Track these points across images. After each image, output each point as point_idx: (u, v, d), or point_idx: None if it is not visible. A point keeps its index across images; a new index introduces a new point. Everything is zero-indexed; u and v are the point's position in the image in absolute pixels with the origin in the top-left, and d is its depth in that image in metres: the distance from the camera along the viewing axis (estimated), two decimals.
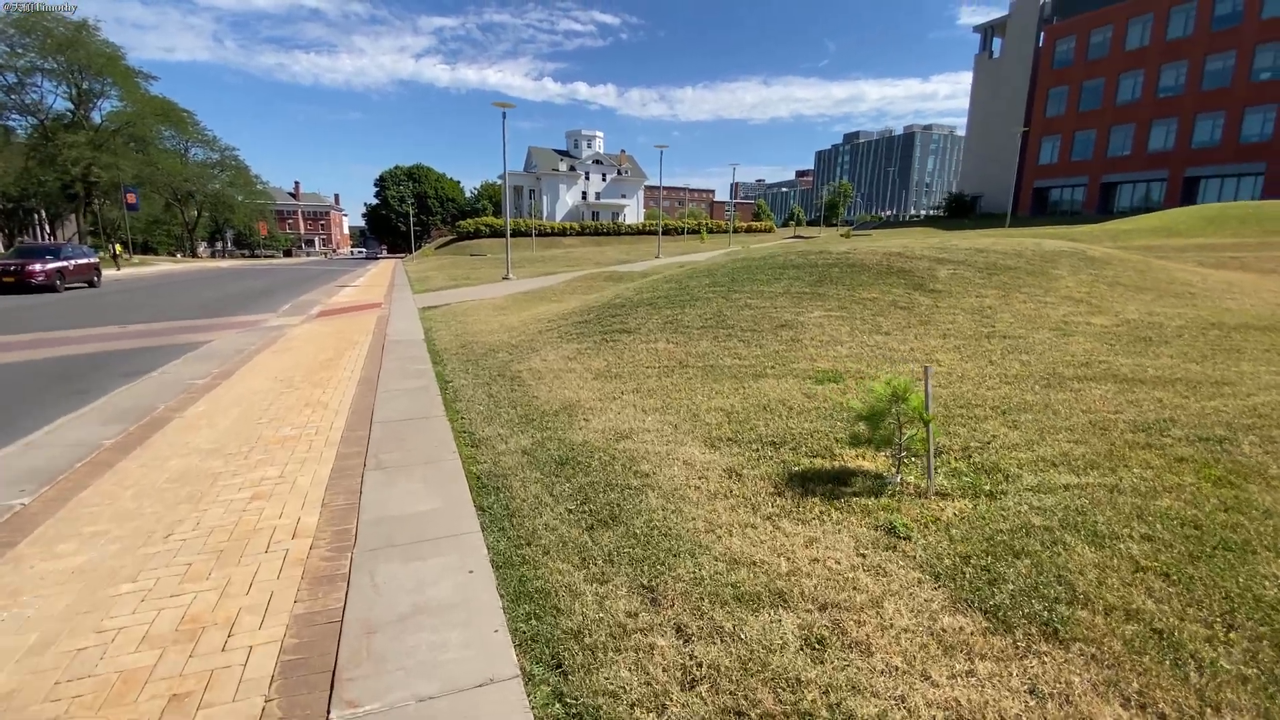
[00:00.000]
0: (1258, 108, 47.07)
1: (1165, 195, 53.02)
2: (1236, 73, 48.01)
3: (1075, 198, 61.60)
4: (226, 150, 79.54)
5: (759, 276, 9.50)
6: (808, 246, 11.25)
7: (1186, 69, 50.95)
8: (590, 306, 10.58)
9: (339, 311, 17.18)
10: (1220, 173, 49.70)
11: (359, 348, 10.53)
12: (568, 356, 7.99)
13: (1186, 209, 31.67)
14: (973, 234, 30.02)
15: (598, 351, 7.96)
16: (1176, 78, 51.94)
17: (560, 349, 8.41)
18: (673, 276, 11.04)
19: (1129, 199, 57.02)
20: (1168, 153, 52.68)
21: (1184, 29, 51.48)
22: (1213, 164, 49.78)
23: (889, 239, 28.66)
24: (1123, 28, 55.85)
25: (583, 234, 73.15)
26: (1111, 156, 57.31)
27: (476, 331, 11.28)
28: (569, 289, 19.37)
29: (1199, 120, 50.67)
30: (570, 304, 13.46)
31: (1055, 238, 16.32)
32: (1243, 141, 48.01)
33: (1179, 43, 51.44)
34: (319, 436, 5.77)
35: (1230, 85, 48.34)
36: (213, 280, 31.47)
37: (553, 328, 9.81)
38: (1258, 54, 47.07)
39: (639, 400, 6.06)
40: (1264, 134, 47.10)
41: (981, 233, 33.01)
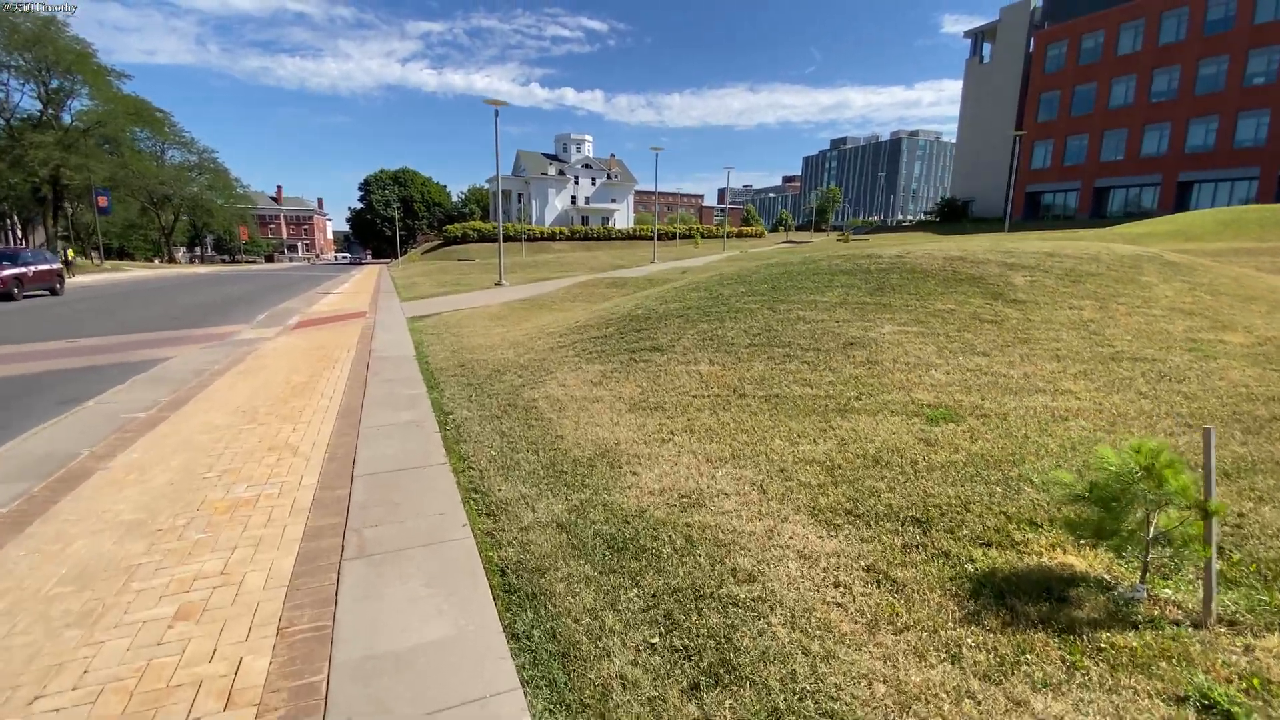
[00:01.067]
0: (1251, 112, 46.93)
1: (1159, 200, 52.85)
2: (1229, 78, 47.87)
3: (1068, 202, 61.42)
4: (205, 152, 77.34)
5: (805, 284, 8.22)
6: (849, 250, 10.00)
7: (1179, 74, 50.81)
8: (606, 318, 9.25)
9: (319, 322, 15.67)
10: (1214, 177, 49.53)
11: (339, 367, 9.10)
12: (591, 381, 6.65)
13: (1200, 213, 31.08)
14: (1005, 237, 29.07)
15: (627, 374, 6.62)
16: (1169, 82, 51.81)
17: (581, 371, 7.06)
18: (699, 283, 9.74)
19: (1122, 203, 56.88)
20: (1161, 157, 52.51)
21: (1176, 34, 51.39)
22: (1206, 169, 49.60)
23: (904, 243, 27.68)
24: (1114, 33, 55.74)
25: (572, 239, 71.88)
26: (1105, 161, 57.11)
27: (476, 346, 9.89)
28: (570, 296, 18.01)
29: (1192, 125, 50.51)
30: (577, 314, 12.11)
31: (1071, 240, 15.30)
32: (1236, 146, 47.83)
33: (1171, 47, 51.33)
34: (283, 499, 4.37)
35: (1223, 90, 48.20)
36: (188, 287, 29.68)
37: (566, 343, 8.46)
38: (1251, 59, 46.97)
39: (697, 444, 4.74)
40: (1258, 139, 46.93)
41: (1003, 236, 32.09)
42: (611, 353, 7.40)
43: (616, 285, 18.76)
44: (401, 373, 8.47)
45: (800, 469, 4.12)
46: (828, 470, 4.07)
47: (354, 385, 7.88)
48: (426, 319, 15.27)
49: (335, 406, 6.88)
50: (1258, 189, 47.22)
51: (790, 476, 4.03)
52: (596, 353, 7.56)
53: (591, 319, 9.56)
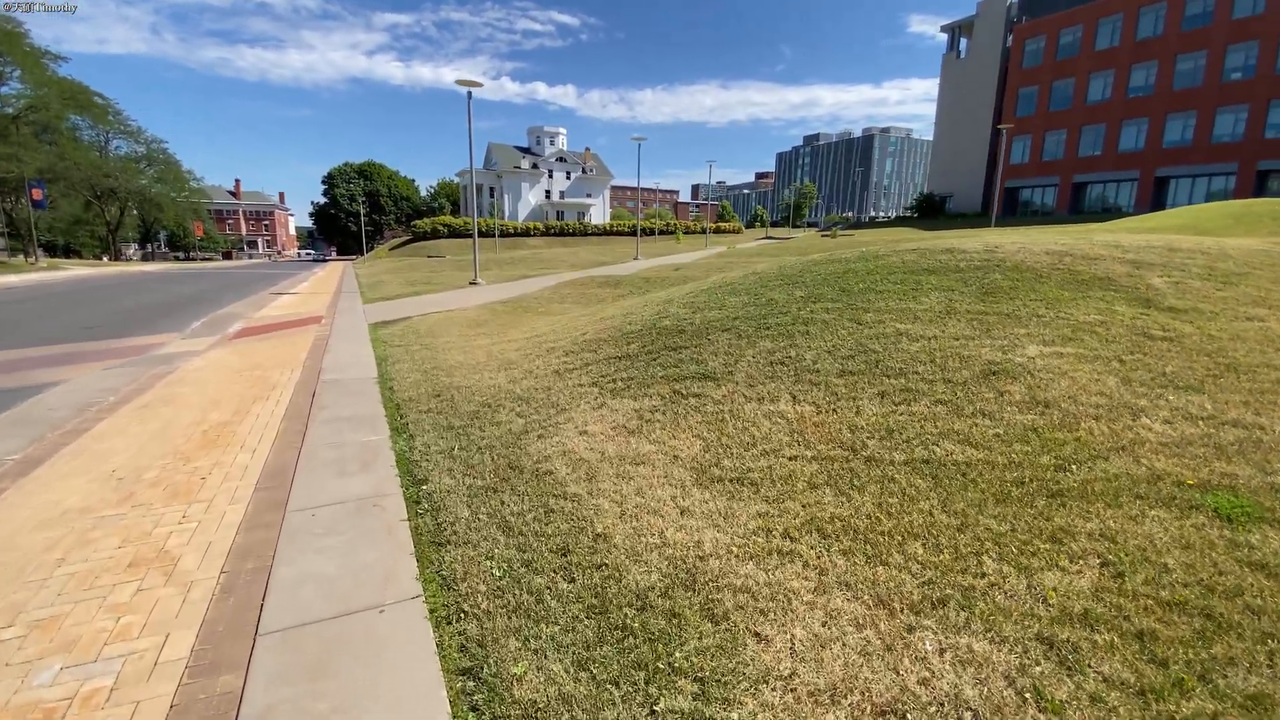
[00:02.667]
0: (1229, 108, 46.90)
1: (1136, 196, 52.86)
2: (1208, 73, 47.80)
3: (1046, 198, 61.34)
4: (153, 143, 72.82)
5: (883, 286, 6.36)
6: (926, 244, 8.16)
7: (1157, 69, 50.69)
8: (622, 329, 7.25)
9: (265, 330, 13.34)
10: (1191, 173, 49.53)
11: (276, 396, 6.96)
12: (625, 426, 4.68)
13: (1207, 206, 30.26)
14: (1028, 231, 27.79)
15: (676, 417, 4.68)
16: (1147, 78, 51.68)
17: (606, 409, 5.08)
18: (733, 284, 7.80)
19: (1099, 199, 56.89)
20: (1138, 153, 52.41)
21: (1154, 29, 51.24)
22: (1184, 164, 49.57)
23: (899, 238, 26.19)
24: (1092, 27, 55.53)
25: (548, 234, 69.58)
26: (1083, 156, 56.99)
27: (454, 365, 7.82)
28: (558, 297, 15.95)
29: (1170, 120, 50.43)
30: (576, 321, 10.09)
31: (1079, 235, 13.85)
32: (1214, 141, 47.80)
33: (1149, 42, 51.18)
34: (124, 698, 2.33)
35: (1201, 85, 48.12)
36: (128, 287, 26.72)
37: (576, 364, 6.46)
38: (1229, 54, 46.91)
39: (844, 565, 2.83)
40: (1235, 134, 46.93)
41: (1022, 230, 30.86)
42: (644, 381, 5.44)
43: (610, 284, 16.76)
44: (357, 406, 6.38)
45: (1081, 643, 2.22)
46: (1134, 644, 2.18)
47: (291, 427, 5.78)
48: (393, 325, 13.08)
49: (257, 467, 4.79)
50: (1235, 184, 47.30)
51: (1076, 666, 2.14)
52: (622, 381, 5.58)
53: (603, 330, 7.55)
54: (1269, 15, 43.68)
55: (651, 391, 5.14)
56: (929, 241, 8.88)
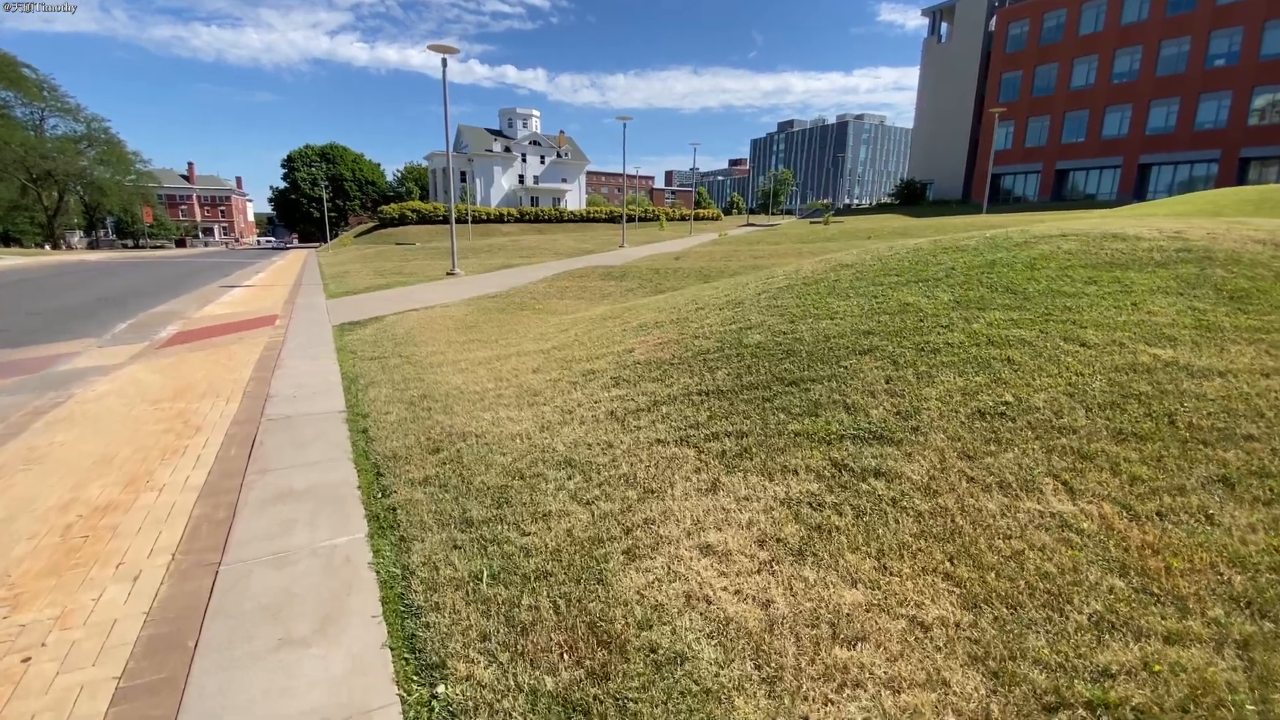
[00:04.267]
0: (1213, 94, 46.48)
1: (1119, 183, 52.48)
2: (1191, 59, 47.33)
3: (1029, 184, 60.80)
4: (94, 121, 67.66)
5: (1069, 287, 4.41)
6: (1061, 231, 6.30)
7: (1141, 54, 50.10)
8: (695, 350, 5.17)
9: (205, 334, 10.97)
10: (1174, 159, 49.19)
11: (197, 450, 4.82)
12: (778, 540, 2.72)
13: (1223, 191, 29.42)
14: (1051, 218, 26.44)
15: (859, 518, 2.75)
16: (1131, 63, 51.11)
17: (726, 494, 3.10)
18: (819, 279, 5.85)
19: (1082, 186, 56.50)
20: (1122, 139, 51.94)
21: (1138, 14, 50.60)
22: (1167, 151, 49.20)
23: (903, 228, 24.47)
24: (1076, 12, 54.74)
25: (522, 220, 66.83)
26: (1066, 143, 56.43)
27: (451, 393, 5.76)
28: (555, 291, 13.82)
29: (1153, 107, 49.95)
30: (599, 325, 8.05)
31: (1108, 218, 12.40)
32: (1197, 128, 47.43)
33: (1133, 28, 50.54)
34: None
35: (1185, 71, 47.64)
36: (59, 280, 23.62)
37: (639, 400, 4.42)
38: (1213, 40, 46.44)
39: None
40: (1219, 121, 46.61)
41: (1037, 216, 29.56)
42: (769, 441, 3.48)
43: (612, 277, 14.70)
44: (316, 470, 4.30)
45: None
46: None
47: (208, 517, 3.69)
48: (363, 327, 10.84)
49: (130, 627, 2.72)
50: (1217, 172, 47.08)
51: None
52: (731, 438, 3.60)
53: (659, 347, 5.52)
54: (1252, 1, 43.21)
55: (792, 461, 3.21)
56: (1009, 226, 7.07)
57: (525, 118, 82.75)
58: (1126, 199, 48.93)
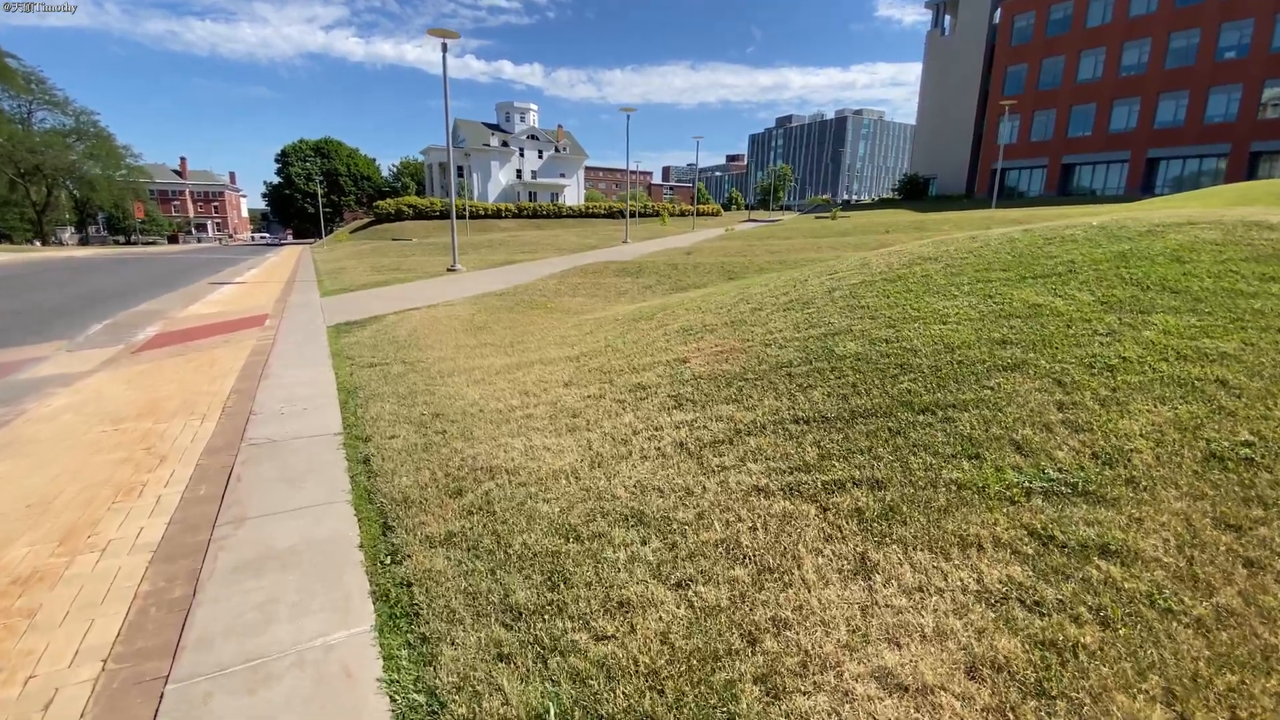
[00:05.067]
0: (1223, 87, 45.63)
1: (1126, 178, 51.65)
2: (1201, 51, 46.47)
3: (1034, 179, 59.95)
4: (83, 115, 66.24)
5: (1250, 285, 3.60)
6: (1144, 218, 5.40)
7: (1149, 47, 49.20)
8: (756, 351, 4.25)
9: (187, 336, 10.00)
10: (1183, 154, 48.37)
11: (157, 488, 3.90)
12: (1009, 675, 1.83)
13: (1252, 184, 28.61)
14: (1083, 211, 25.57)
15: (1121, 639, 1.86)
16: (1139, 56, 50.20)
17: (885, 579, 2.21)
18: (904, 276, 4.95)
19: (1089, 180, 55.64)
20: (1130, 133, 51.08)
21: (1147, 6, 49.72)
22: (1176, 145, 48.36)
23: (912, 221, 23.44)
24: (1084, 4, 53.82)
25: (520, 215, 65.76)
26: (1072, 137, 55.56)
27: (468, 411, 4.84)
28: (567, 288, 12.88)
29: (1162, 100, 49.08)
30: (632, 330, 7.13)
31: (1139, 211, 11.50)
32: (1207, 122, 46.59)
33: (1141, 20, 49.64)
34: None
35: (1194, 64, 46.78)
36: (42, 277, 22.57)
37: (713, 427, 3.47)
38: (1223, 32, 45.58)
39: None
40: (1229, 114, 45.78)
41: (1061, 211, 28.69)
42: (929, 503, 2.56)
43: (627, 273, 13.77)
44: (307, 517, 3.39)
45: None
46: None
47: (160, 594, 2.78)
48: (361, 328, 9.89)
49: None
50: (1227, 166, 46.26)
51: None
52: (865, 490, 2.68)
53: (718, 356, 4.59)
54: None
55: (969, 529, 2.30)
56: (1099, 217, 6.16)
57: (523, 112, 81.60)
58: (1135, 194, 48.12)
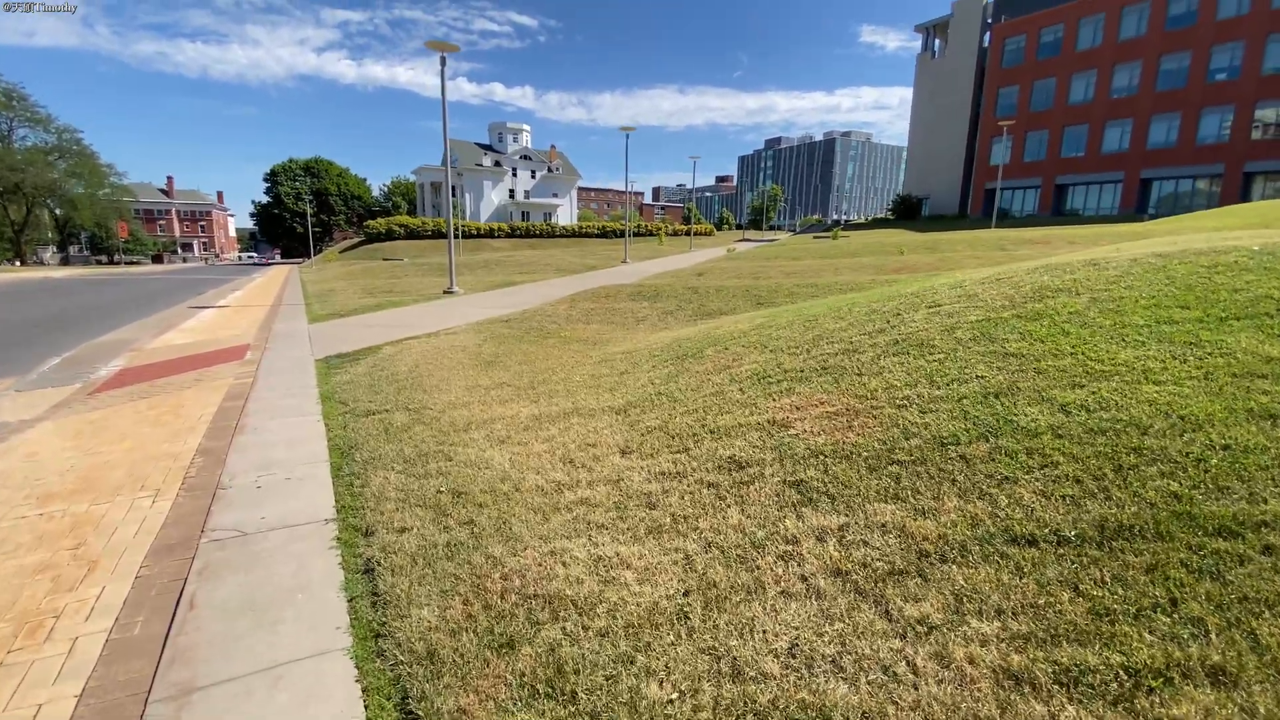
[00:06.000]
0: (1215, 109, 45.85)
1: (1120, 198, 51.66)
2: (1192, 73, 46.78)
3: (1027, 200, 60.03)
4: (66, 133, 64.98)
5: None
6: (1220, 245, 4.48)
7: (1140, 69, 49.55)
8: (891, 418, 3.14)
9: (155, 373, 8.80)
10: (1176, 174, 48.49)
11: (79, 614, 2.77)
12: None
13: (1274, 202, 28.20)
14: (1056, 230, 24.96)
15: None
16: (1130, 78, 50.56)
17: None
18: (1018, 302, 3.90)
19: (1083, 201, 55.70)
20: (1122, 154, 51.22)
21: (1137, 29, 50.16)
22: (1169, 165, 48.48)
23: (977, 238, 22.72)
24: (1074, 27, 54.33)
25: (513, 235, 64.97)
26: (1065, 158, 55.76)
27: (498, 484, 3.74)
28: (580, 315, 11.81)
29: (1154, 121, 49.31)
30: (678, 357, 6.06)
31: (1143, 236, 10.66)
32: (1200, 143, 46.76)
33: (1132, 43, 50.07)
34: None
35: (1186, 86, 47.07)
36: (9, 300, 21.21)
37: (887, 543, 2.42)
38: (1214, 55, 45.92)
39: None
40: (1221, 135, 45.97)
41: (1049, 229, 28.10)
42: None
43: (643, 296, 12.74)
44: (287, 700, 2.28)
45: None
46: None
47: None
48: (355, 362, 8.75)
49: None
50: (1222, 186, 46.30)
51: None
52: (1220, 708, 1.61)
53: (850, 426, 3.40)
54: (1254, 16, 42.73)
55: None
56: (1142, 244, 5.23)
57: (515, 132, 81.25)
58: (1129, 214, 48.10)
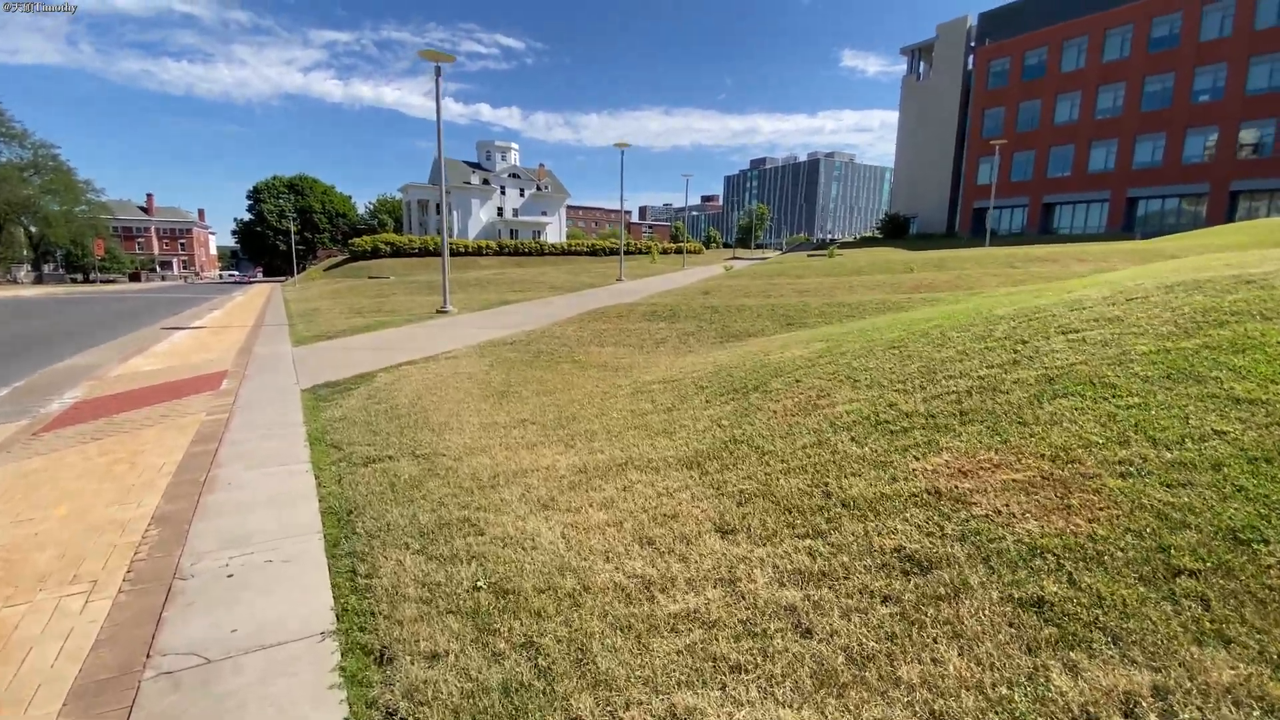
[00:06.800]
0: (1199, 129, 46.42)
1: (1108, 217, 52.03)
2: (1176, 95, 47.42)
3: (1015, 218, 60.40)
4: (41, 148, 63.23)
5: None
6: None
7: (1124, 90, 50.20)
8: (1110, 497, 2.40)
9: (114, 407, 7.68)
10: (1162, 193, 48.94)
11: None
12: None
13: (1269, 222, 28.16)
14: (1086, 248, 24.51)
15: None
16: (1114, 99, 51.19)
17: None
18: (1144, 329, 3.15)
19: (1069, 219, 56.10)
20: (1109, 173, 51.70)
21: (1120, 51, 50.93)
22: (1155, 185, 48.94)
23: (986, 256, 22.17)
24: (1058, 49, 55.12)
25: (501, 253, 64.13)
26: (1052, 177, 56.26)
27: (555, 575, 2.77)
28: (593, 337, 10.84)
29: (1139, 141, 49.85)
30: (735, 390, 5.11)
31: (1158, 254, 10.04)
32: (1186, 162, 47.28)
33: (1116, 64, 50.79)
34: None
35: (1170, 107, 47.68)
36: None
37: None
38: (1197, 76, 46.61)
39: None
40: (1206, 155, 46.54)
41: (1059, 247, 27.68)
42: None
43: (660, 317, 11.82)
44: None
45: None
46: None
47: None
48: (347, 394, 7.69)
49: None
50: (1208, 205, 46.70)
51: None
52: None
53: (1072, 508, 2.51)
54: (1236, 38, 43.47)
55: None
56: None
57: (504, 150, 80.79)
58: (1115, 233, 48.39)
